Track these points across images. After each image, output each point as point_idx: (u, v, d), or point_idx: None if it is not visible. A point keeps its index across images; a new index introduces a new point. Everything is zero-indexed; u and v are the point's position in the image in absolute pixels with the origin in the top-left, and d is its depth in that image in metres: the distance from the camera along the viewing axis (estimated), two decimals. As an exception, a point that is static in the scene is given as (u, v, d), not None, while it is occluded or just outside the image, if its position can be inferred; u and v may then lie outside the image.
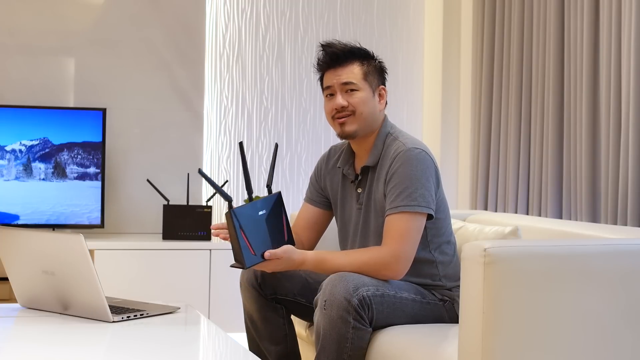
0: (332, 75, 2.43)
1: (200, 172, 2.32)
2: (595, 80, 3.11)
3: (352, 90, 2.40)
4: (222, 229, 2.31)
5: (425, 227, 2.33)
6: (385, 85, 2.49)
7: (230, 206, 2.19)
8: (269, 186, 2.34)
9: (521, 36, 3.60)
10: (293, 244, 2.29)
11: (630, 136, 2.86)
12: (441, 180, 2.40)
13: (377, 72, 2.46)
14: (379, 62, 2.48)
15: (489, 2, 3.83)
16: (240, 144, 2.32)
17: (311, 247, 2.59)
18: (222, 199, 4.03)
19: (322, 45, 2.47)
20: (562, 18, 3.33)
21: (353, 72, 2.41)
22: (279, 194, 2.31)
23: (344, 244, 2.53)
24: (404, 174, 2.29)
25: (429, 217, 2.32)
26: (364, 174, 2.44)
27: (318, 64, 2.47)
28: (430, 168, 2.32)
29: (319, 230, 2.60)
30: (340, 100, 2.40)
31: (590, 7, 3.12)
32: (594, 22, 3.12)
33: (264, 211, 2.25)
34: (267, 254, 2.19)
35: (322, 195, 2.59)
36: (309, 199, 2.61)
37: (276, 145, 2.43)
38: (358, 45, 2.46)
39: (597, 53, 3.11)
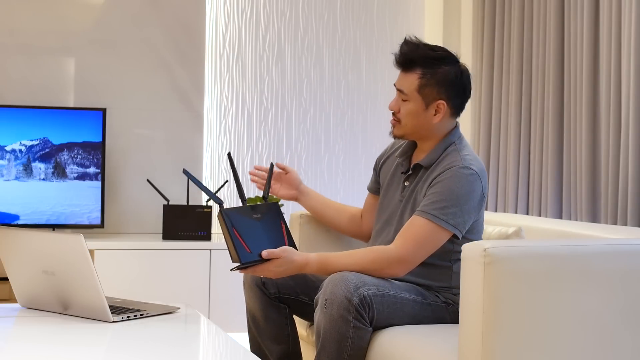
0: (399, 76, 2.41)
1: (185, 172, 2.33)
2: (595, 80, 3.11)
3: (403, 99, 2.39)
4: (258, 174, 2.58)
5: (453, 242, 2.32)
6: (449, 99, 2.38)
7: (221, 207, 2.22)
8: (264, 198, 2.38)
9: (521, 36, 3.60)
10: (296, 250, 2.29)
11: (630, 136, 2.86)
12: (484, 205, 2.37)
13: (439, 85, 2.36)
14: (455, 71, 2.38)
15: (489, 2, 3.83)
16: (229, 154, 2.39)
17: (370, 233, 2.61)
18: (220, 197, 4.03)
19: (404, 41, 2.40)
20: (562, 18, 3.33)
21: (409, 81, 2.36)
22: (276, 204, 2.34)
23: (375, 227, 2.54)
24: (447, 187, 2.28)
25: (455, 236, 2.30)
26: (416, 171, 2.44)
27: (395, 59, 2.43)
28: (475, 192, 2.29)
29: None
30: (393, 103, 2.41)
31: (590, 7, 3.12)
32: (594, 22, 3.12)
33: (259, 215, 2.26)
34: (264, 252, 2.19)
35: (378, 184, 2.61)
36: (369, 187, 2.67)
37: (271, 165, 2.48)
38: (442, 52, 2.38)
39: (597, 53, 3.11)
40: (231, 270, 2.24)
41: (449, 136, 2.43)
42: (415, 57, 2.36)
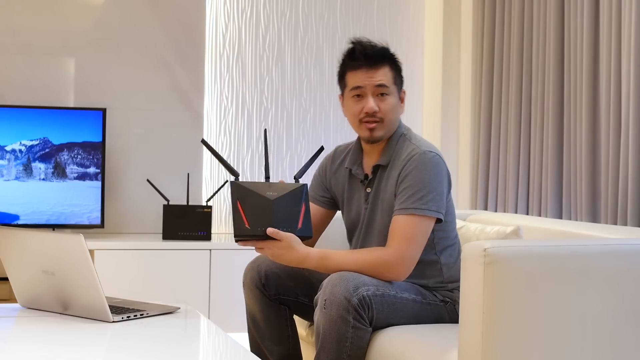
0: (364, 76, 2.36)
1: (204, 142, 2.33)
2: (595, 80, 3.11)
3: (383, 94, 2.36)
4: None
5: (433, 230, 2.33)
6: (403, 87, 2.46)
7: (235, 179, 2.22)
8: (296, 178, 2.34)
9: (521, 36, 3.60)
10: (309, 235, 2.26)
11: (630, 136, 2.86)
12: (451, 184, 2.40)
13: (400, 73, 2.43)
14: (400, 63, 2.45)
15: (489, 2, 3.83)
16: (265, 131, 2.39)
17: (311, 246, 2.57)
18: (220, 197, 4.03)
19: (354, 43, 2.39)
20: (562, 18, 3.33)
21: (386, 75, 2.36)
22: (304, 186, 2.28)
23: (351, 243, 2.54)
24: (417, 177, 2.28)
25: (438, 221, 2.32)
26: (374, 173, 2.43)
27: (350, 60, 2.39)
28: (443, 172, 2.32)
29: (320, 229, 2.60)
30: (372, 104, 2.35)
31: (590, 7, 3.12)
32: (594, 22, 3.12)
33: (275, 194, 2.22)
34: (270, 230, 2.16)
35: (325, 195, 2.58)
36: (312, 198, 2.60)
37: (321, 148, 2.41)
38: (387, 46, 2.42)
39: (597, 53, 3.11)
40: (235, 241, 2.22)
41: (397, 129, 2.43)
42: (383, 51, 2.38)
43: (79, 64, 3.83)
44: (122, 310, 2.18)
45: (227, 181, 3.91)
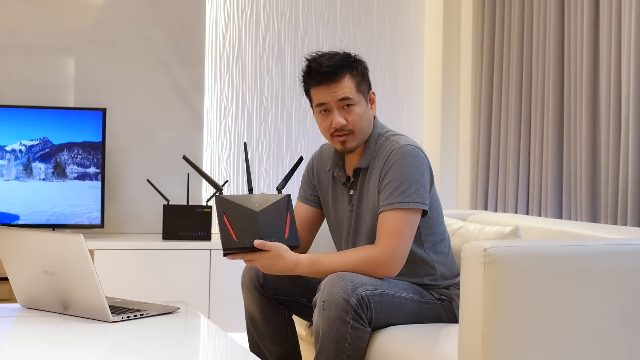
0: (326, 92, 2.34)
1: (185, 158, 2.32)
2: (595, 80, 3.11)
3: (348, 105, 2.34)
4: None
5: (419, 226, 2.33)
6: (371, 88, 2.44)
7: (220, 193, 2.22)
8: (278, 189, 2.34)
9: (521, 36, 3.60)
10: (297, 245, 2.26)
11: (630, 136, 2.86)
12: (434, 178, 2.39)
13: (364, 77, 2.40)
14: (362, 62, 2.41)
15: (489, 2, 3.83)
16: (245, 144, 2.37)
17: (307, 246, 2.58)
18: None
19: (309, 60, 2.37)
20: (562, 18, 3.33)
21: (347, 87, 2.33)
22: (287, 196, 2.29)
23: (339, 246, 2.53)
24: (398, 170, 2.28)
25: (424, 213, 2.31)
26: (356, 176, 2.43)
27: (308, 78, 2.38)
28: (424, 164, 2.32)
29: (314, 229, 2.59)
30: (339, 119, 2.33)
31: (590, 7, 3.12)
32: (594, 22, 3.12)
33: (260, 206, 2.23)
34: (257, 242, 2.16)
35: (315, 194, 2.58)
36: (303, 198, 2.59)
37: (300, 158, 2.41)
38: (343, 53, 2.38)
39: (597, 53, 3.11)
40: (223, 255, 2.22)
41: (374, 130, 2.42)
42: (340, 63, 2.34)
43: (79, 64, 3.83)
44: (122, 310, 2.18)
45: (226, 181, 3.91)
